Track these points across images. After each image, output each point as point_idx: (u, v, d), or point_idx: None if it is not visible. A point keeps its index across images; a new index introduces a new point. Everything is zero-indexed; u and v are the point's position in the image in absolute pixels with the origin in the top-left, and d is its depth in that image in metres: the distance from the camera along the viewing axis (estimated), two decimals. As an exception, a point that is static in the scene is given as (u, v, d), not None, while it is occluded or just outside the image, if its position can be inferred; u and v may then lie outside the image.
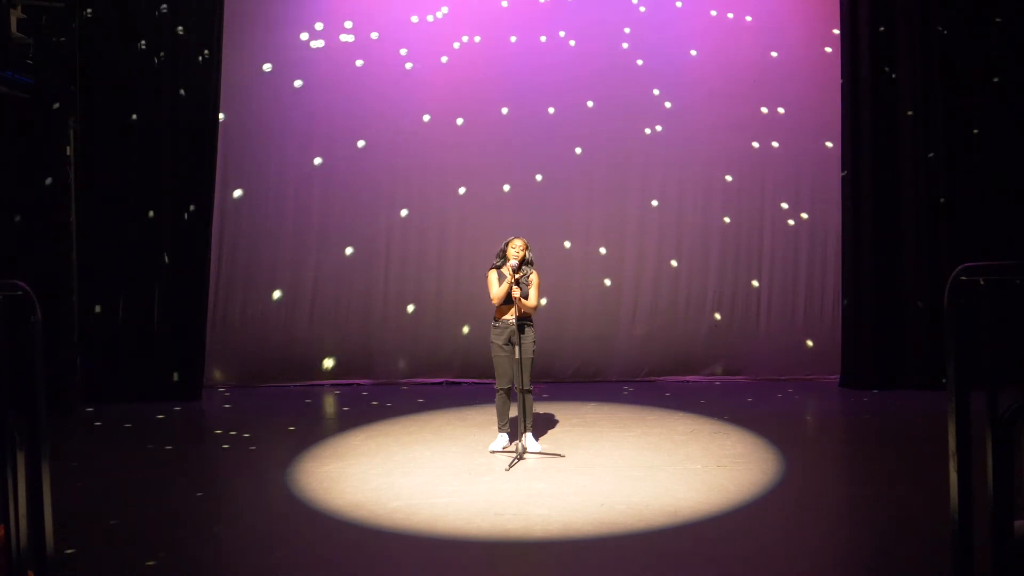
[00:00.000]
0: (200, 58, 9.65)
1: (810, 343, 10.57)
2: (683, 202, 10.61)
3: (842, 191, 10.17)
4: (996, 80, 9.78)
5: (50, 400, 4.07)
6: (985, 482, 2.92)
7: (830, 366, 10.32)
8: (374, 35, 10.39)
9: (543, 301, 10.42)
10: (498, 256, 7.24)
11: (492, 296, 7.17)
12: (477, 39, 10.49)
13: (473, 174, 10.50)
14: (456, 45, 10.48)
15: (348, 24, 10.34)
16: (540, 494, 6.09)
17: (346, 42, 10.33)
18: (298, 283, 10.42)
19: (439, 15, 10.46)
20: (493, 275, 7.21)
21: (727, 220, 10.60)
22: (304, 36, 10.30)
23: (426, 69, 10.41)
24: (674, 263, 10.63)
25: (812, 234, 10.64)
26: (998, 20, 9.74)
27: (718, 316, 10.62)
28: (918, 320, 9.88)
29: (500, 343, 7.15)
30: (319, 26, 10.30)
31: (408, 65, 10.40)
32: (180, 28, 9.63)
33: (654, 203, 10.59)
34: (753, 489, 6.21)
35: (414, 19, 10.46)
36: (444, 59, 10.48)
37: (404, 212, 10.48)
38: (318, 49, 10.30)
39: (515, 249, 7.10)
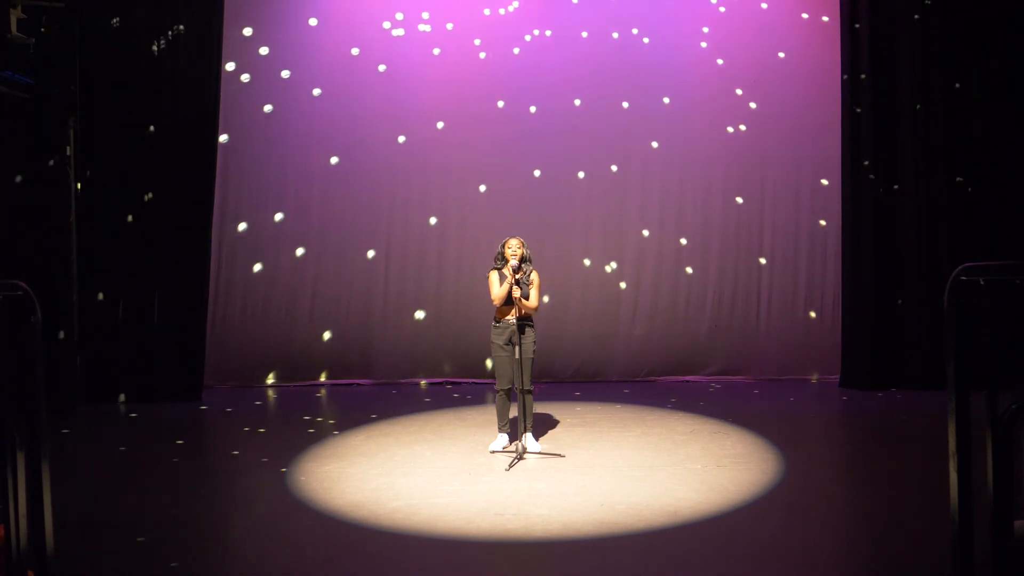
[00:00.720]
0: (201, 57, 9.64)
1: (810, 343, 10.55)
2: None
3: (842, 191, 10.16)
4: (997, 79, 9.77)
5: (50, 400, 4.07)
6: (985, 482, 2.92)
7: (830, 366, 10.32)
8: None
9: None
10: (497, 258, 7.24)
11: (493, 297, 7.17)
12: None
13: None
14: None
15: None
16: (540, 494, 6.09)
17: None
18: (298, 283, 10.42)
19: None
20: (494, 276, 7.21)
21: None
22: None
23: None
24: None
25: (812, 234, 10.64)
26: (998, 18, 9.74)
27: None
28: (918, 320, 9.88)
29: (500, 343, 7.15)
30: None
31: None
32: (180, 27, 9.61)
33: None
34: (753, 489, 6.21)
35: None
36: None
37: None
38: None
39: (511, 249, 7.11)
